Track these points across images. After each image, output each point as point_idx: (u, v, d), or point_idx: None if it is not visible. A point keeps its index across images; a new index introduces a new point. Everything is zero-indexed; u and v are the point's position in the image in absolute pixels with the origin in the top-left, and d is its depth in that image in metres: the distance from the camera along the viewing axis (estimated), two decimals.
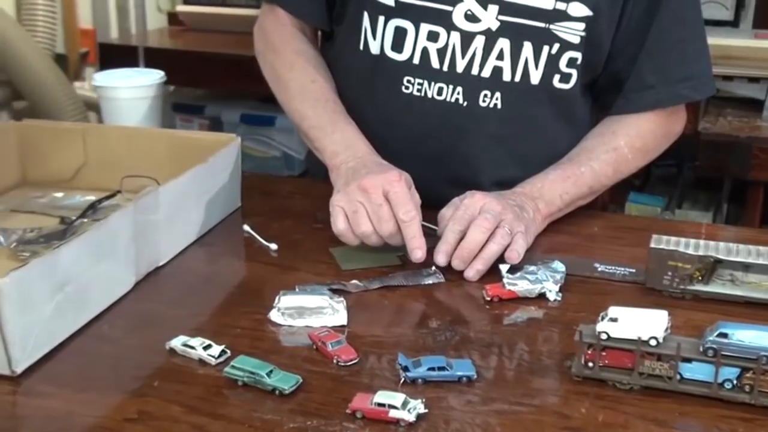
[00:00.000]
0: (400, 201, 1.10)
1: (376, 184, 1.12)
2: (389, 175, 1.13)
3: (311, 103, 1.29)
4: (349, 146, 1.22)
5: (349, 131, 1.25)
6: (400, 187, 1.11)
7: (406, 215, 1.10)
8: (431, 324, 1.01)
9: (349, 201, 1.12)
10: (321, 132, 1.26)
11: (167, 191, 1.12)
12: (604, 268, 1.13)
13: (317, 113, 1.27)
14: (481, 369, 0.91)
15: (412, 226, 1.10)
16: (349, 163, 1.19)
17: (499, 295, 1.06)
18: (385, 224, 1.11)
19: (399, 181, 1.12)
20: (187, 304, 1.06)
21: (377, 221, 1.11)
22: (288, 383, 0.87)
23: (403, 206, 1.10)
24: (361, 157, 1.20)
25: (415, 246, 1.10)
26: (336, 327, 0.99)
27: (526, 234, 1.14)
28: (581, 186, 1.25)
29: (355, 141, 1.23)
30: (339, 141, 1.23)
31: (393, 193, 1.11)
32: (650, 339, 0.86)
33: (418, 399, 0.84)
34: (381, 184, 1.11)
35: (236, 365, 0.89)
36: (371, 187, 1.11)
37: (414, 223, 1.10)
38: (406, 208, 1.10)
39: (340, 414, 0.84)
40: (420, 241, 1.10)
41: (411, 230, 1.10)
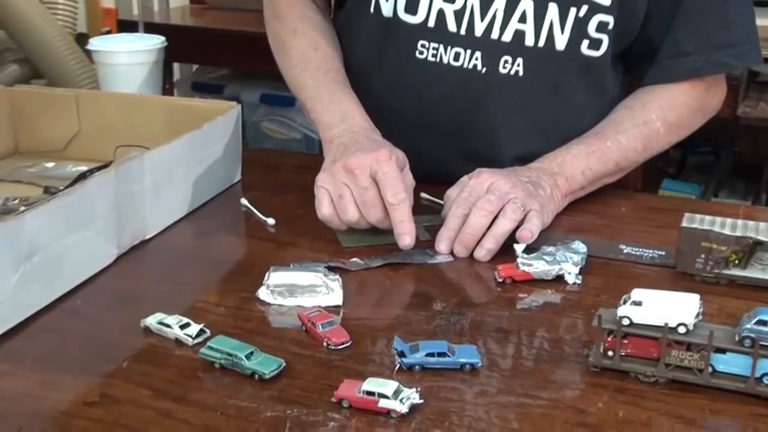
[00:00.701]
0: (389, 182, 1.00)
1: (363, 164, 1.02)
2: (378, 153, 1.02)
3: (311, 72, 1.19)
4: (345, 119, 1.13)
5: (348, 103, 1.15)
6: (389, 167, 1.01)
7: (395, 198, 1.00)
8: (435, 306, 0.91)
9: (334, 183, 1.03)
10: (318, 103, 1.16)
11: (153, 158, 1.03)
12: (630, 250, 1.03)
13: (316, 83, 1.18)
14: (487, 356, 0.82)
15: (401, 210, 1.00)
16: (342, 138, 1.10)
17: (513, 277, 0.96)
18: (372, 210, 1.01)
19: (388, 161, 1.02)
20: (170, 281, 0.98)
21: (363, 206, 1.02)
22: (269, 367, 0.78)
23: (391, 188, 1.00)
24: (356, 131, 1.10)
25: (402, 231, 1.00)
26: (330, 307, 0.90)
27: (542, 212, 1.04)
28: (607, 162, 1.14)
29: (353, 113, 1.14)
30: (335, 113, 1.14)
31: (381, 174, 1.01)
32: (679, 326, 0.76)
33: (413, 388, 0.74)
34: (368, 164, 1.01)
35: (213, 346, 0.80)
36: (357, 167, 1.01)
37: (403, 207, 1.00)
38: (394, 190, 1.00)
39: (324, 402, 0.74)
40: (409, 226, 1.00)
41: (399, 214, 1.00)
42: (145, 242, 1.05)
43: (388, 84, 1.22)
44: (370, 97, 1.24)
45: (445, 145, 1.20)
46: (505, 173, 1.07)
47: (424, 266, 1.00)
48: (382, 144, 1.07)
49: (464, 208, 1.03)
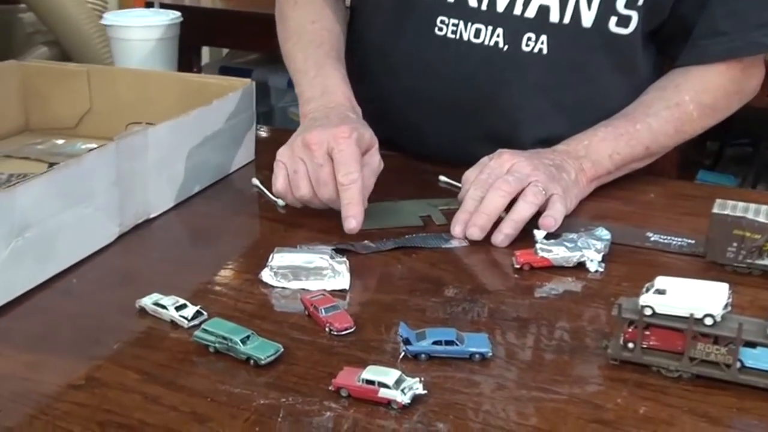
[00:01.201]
0: (342, 161, 0.95)
1: (321, 140, 0.96)
2: (339, 129, 0.97)
3: (303, 45, 1.15)
4: (325, 93, 1.08)
5: (332, 78, 1.10)
6: (346, 144, 0.96)
7: (345, 177, 0.95)
8: (447, 292, 0.86)
9: (292, 157, 0.98)
10: (303, 76, 1.12)
11: (157, 134, 0.99)
12: (657, 238, 0.97)
13: (306, 56, 1.13)
14: (499, 346, 0.77)
15: (350, 191, 0.94)
16: (316, 113, 1.05)
17: (531, 263, 0.91)
18: (324, 188, 0.96)
19: (347, 138, 0.96)
20: (172, 261, 0.94)
21: (315, 183, 0.97)
22: (265, 352, 0.73)
23: (344, 167, 0.95)
24: (332, 107, 1.05)
25: (349, 213, 0.94)
26: (336, 291, 0.85)
27: (565, 197, 0.99)
28: (636, 146, 1.08)
29: (335, 89, 1.08)
30: (317, 86, 1.09)
31: (337, 151, 0.95)
32: (705, 317, 0.70)
33: (416, 378, 0.69)
34: (326, 140, 0.96)
35: (208, 329, 0.76)
36: (315, 143, 0.96)
37: (353, 188, 0.94)
38: (347, 170, 0.95)
39: (321, 391, 0.70)
40: (356, 209, 0.94)
41: (348, 195, 0.95)
42: (149, 221, 1.01)
43: (406, 62, 1.16)
44: (389, 76, 1.19)
45: (464, 126, 1.15)
46: (527, 155, 1.02)
47: (437, 251, 0.95)
48: (347, 121, 1.01)
49: (482, 190, 0.98)
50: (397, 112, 1.20)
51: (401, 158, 1.21)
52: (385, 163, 1.05)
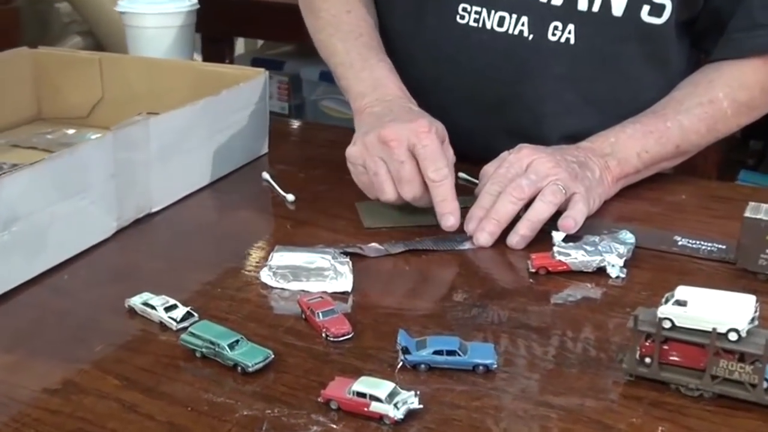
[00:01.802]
0: (429, 156, 0.91)
1: (400, 135, 0.92)
2: (417, 124, 0.92)
3: (342, 36, 1.10)
4: (378, 86, 1.02)
5: (381, 70, 1.05)
6: (429, 139, 0.91)
7: (437, 174, 0.90)
8: (456, 297, 0.81)
9: (369, 156, 0.93)
10: (349, 70, 1.06)
11: (160, 124, 0.95)
12: (685, 242, 0.91)
13: (347, 48, 1.08)
14: (505, 357, 0.71)
15: (444, 187, 0.90)
16: (375, 108, 1.00)
17: (547, 267, 0.85)
18: (408, 186, 0.91)
19: (428, 132, 0.91)
20: (171, 258, 0.90)
21: (398, 182, 0.92)
22: (253, 358, 0.69)
23: (432, 163, 0.90)
24: (390, 100, 1.00)
25: (446, 210, 0.90)
26: (337, 293, 0.81)
27: (588, 197, 0.93)
28: (665, 144, 1.02)
29: (386, 81, 1.03)
30: (367, 80, 1.04)
31: (421, 147, 0.91)
32: (729, 332, 0.64)
33: (411, 391, 0.64)
34: (406, 135, 0.91)
35: (195, 332, 0.71)
36: (394, 138, 0.91)
37: (446, 184, 0.91)
38: (436, 165, 0.90)
39: (310, 402, 0.65)
40: (452, 204, 0.91)
41: (442, 191, 0.91)
42: (151, 215, 0.97)
43: (426, 52, 1.11)
44: (410, 66, 1.14)
45: (487, 119, 1.10)
46: (550, 151, 0.96)
47: (450, 252, 0.90)
48: (420, 114, 0.97)
49: (499, 186, 0.93)
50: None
51: None
52: None
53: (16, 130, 1.22)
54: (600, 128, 1.04)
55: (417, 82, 1.13)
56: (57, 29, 2.46)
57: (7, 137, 1.19)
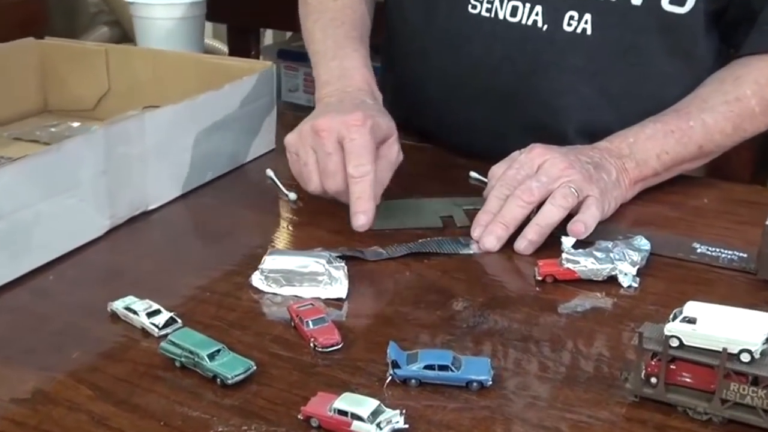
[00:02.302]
0: (354, 151, 0.86)
1: (331, 126, 0.87)
2: (351, 117, 0.88)
3: (323, 23, 1.07)
4: (344, 77, 0.99)
5: (351, 60, 1.01)
6: (359, 133, 0.86)
7: (356, 170, 0.86)
8: (456, 305, 0.77)
9: (302, 146, 0.90)
10: (322, 58, 1.03)
11: (156, 119, 0.92)
12: (704, 250, 0.86)
13: (326, 35, 1.05)
14: (502, 373, 0.67)
15: (361, 185, 0.85)
16: (331, 98, 0.96)
17: (554, 275, 0.80)
18: (331, 179, 0.88)
19: (359, 126, 0.87)
20: (162, 259, 0.86)
21: (323, 174, 0.88)
22: (234, 370, 0.65)
23: (356, 158, 0.86)
24: (349, 92, 0.96)
25: (358, 209, 0.85)
26: (331, 300, 0.77)
27: (602, 200, 0.88)
28: (688, 144, 0.96)
29: (353, 72, 0.99)
30: (334, 70, 1.00)
31: (348, 140, 0.86)
32: (741, 352, 0.59)
33: (397, 410, 0.60)
34: (337, 127, 0.87)
35: (175, 340, 0.68)
36: (325, 129, 0.88)
37: (363, 181, 0.85)
38: (358, 161, 0.86)
39: (290, 419, 0.61)
40: (366, 204, 0.85)
41: (358, 189, 0.86)
42: (147, 213, 0.93)
43: (437, 43, 1.07)
44: (421, 58, 1.10)
45: (500, 114, 1.05)
46: (563, 151, 0.91)
47: (454, 257, 0.85)
48: (364, 107, 0.92)
49: (508, 188, 0.88)
50: (427, 98, 1.11)
51: (431, 151, 1.12)
52: (412, 156, 0.97)
53: (21, 123, 1.20)
54: (619, 124, 0.99)
55: (428, 75, 1.09)
56: (85, 20, 2.45)
57: (11, 129, 1.17)
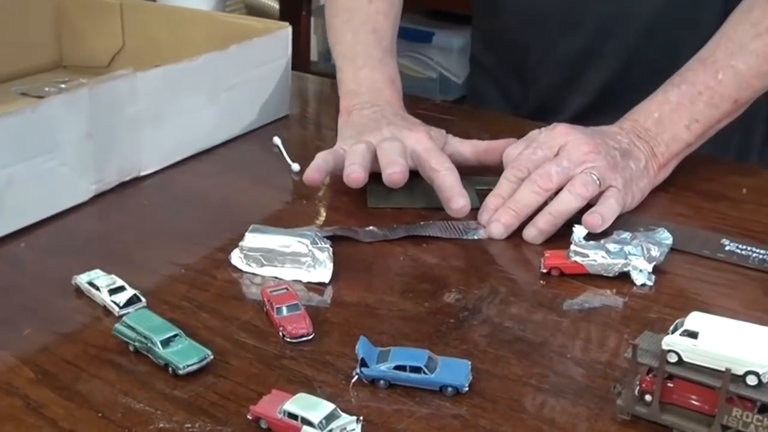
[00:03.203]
0: (433, 152, 0.83)
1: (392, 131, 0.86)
2: (415, 132, 0.85)
3: (355, 26, 0.99)
4: (374, 89, 0.93)
5: (382, 72, 0.95)
6: (430, 143, 0.85)
7: (440, 165, 0.82)
8: (447, 297, 0.70)
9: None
10: (350, 64, 0.97)
11: (150, 79, 0.86)
12: (733, 248, 0.78)
13: (356, 40, 0.98)
14: (484, 377, 0.60)
15: (449, 176, 0.81)
16: (364, 111, 0.90)
17: (561, 268, 0.73)
18: (390, 167, 0.81)
19: (428, 140, 0.85)
20: (143, 229, 0.81)
21: (384, 158, 0.82)
22: (187, 359, 0.60)
23: (435, 156, 0.83)
24: (382, 106, 0.91)
25: (454, 193, 0.80)
26: (313, 284, 0.71)
27: (625, 191, 0.81)
28: (720, 104, 0.86)
29: (385, 85, 0.94)
30: (364, 80, 0.94)
31: (422, 148, 0.84)
32: (747, 374, 0.52)
33: (353, 417, 0.54)
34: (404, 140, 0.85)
35: (130, 322, 0.62)
36: (387, 130, 0.87)
37: (450, 173, 0.81)
38: (439, 159, 0.82)
39: (240, 418, 0.56)
40: (461, 190, 0.81)
41: (447, 180, 0.81)
42: (141, 179, 0.89)
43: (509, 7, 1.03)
44: (496, 24, 1.08)
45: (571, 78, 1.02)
46: (589, 132, 0.84)
47: (457, 242, 0.79)
48: (416, 123, 0.90)
49: (522, 171, 0.81)
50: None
51: (490, 113, 1.08)
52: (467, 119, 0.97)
53: (34, 77, 1.16)
54: None
55: (502, 42, 1.07)
56: None
57: (21, 84, 1.13)
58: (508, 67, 1.16)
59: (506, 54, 1.15)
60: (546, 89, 1.11)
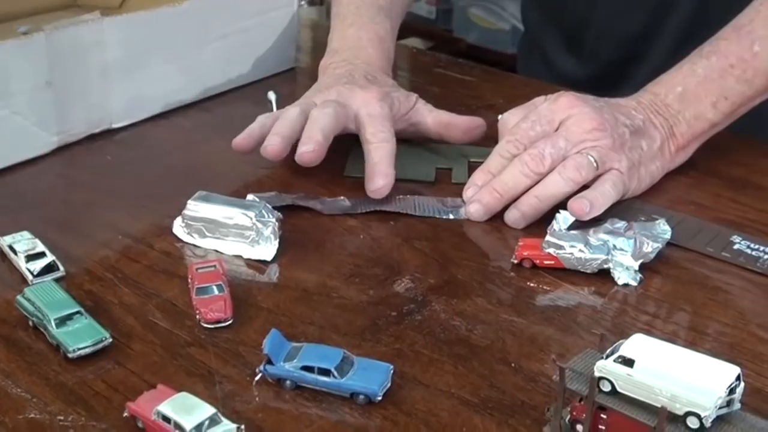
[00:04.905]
0: (373, 119, 0.75)
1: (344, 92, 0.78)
2: (365, 93, 0.77)
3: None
4: (355, 47, 0.86)
5: (369, 30, 0.87)
6: (378, 106, 0.76)
7: (374, 136, 0.74)
8: (397, 285, 0.63)
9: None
10: (340, 22, 0.89)
11: (122, 27, 0.80)
12: (743, 247, 0.68)
13: (353, 1, 0.90)
14: (407, 385, 0.53)
15: (380, 150, 0.73)
16: (337, 70, 0.83)
17: (533, 259, 0.65)
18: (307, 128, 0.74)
19: (376, 103, 0.76)
20: (99, 187, 0.76)
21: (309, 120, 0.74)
22: (79, 341, 0.54)
23: (372, 126, 0.74)
24: (356, 65, 0.83)
25: (377, 172, 0.72)
26: (253, 261, 0.65)
27: (630, 175, 0.72)
28: (753, 79, 0.76)
29: (369, 44, 0.86)
30: (349, 38, 0.87)
31: (365, 113, 0.76)
32: (688, 416, 0.43)
33: (234, 425, 0.48)
34: (353, 101, 0.77)
35: (30, 295, 0.57)
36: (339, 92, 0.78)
37: (382, 148, 0.73)
38: (375, 129, 0.74)
39: (118, 414, 0.50)
40: (387, 169, 0.72)
41: (377, 154, 0.73)
42: (114, 131, 0.83)
43: None
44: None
45: None
46: (598, 105, 0.75)
47: (430, 221, 0.71)
48: (382, 84, 0.81)
49: (518, 147, 0.73)
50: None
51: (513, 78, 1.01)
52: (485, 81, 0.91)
53: (44, 16, 1.11)
54: None
55: (562, 19, 1.02)
56: None
57: (26, 22, 1.08)
58: (561, 38, 1.06)
59: (563, 25, 1.05)
60: (605, 64, 1.01)
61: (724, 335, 0.59)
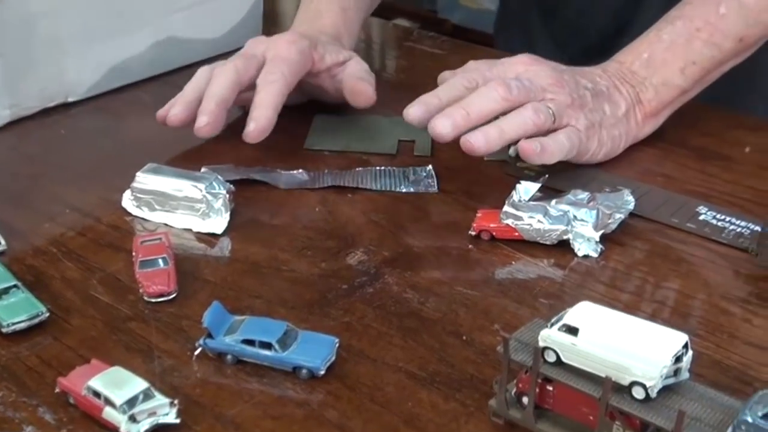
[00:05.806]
0: (270, 62, 0.75)
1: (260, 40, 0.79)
2: (279, 41, 0.76)
3: None
4: (313, 18, 0.84)
5: (332, 5, 0.85)
6: (283, 47, 0.75)
7: (262, 78, 0.74)
8: (350, 258, 0.61)
9: None
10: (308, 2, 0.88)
11: None
12: (709, 217, 0.66)
13: None
14: (353, 359, 0.51)
15: (262, 93, 0.72)
16: None
17: (491, 231, 0.63)
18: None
19: (285, 48, 0.75)
20: (52, 162, 0.74)
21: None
22: (14, 315, 0.53)
23: (267, 68, 0.74)
24: (310, 34, 0.80)
25: (252, 117, 0.71)
26: (203, 235, 0.63)
27: (588, 134, 0.69)
28: (721, 43, 0.74)
29: (328, 13, 0.85)
30: (311, 11, 0.86)
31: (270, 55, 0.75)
32: (633, 385, 0.42)
33: (167, 400, 0.46)
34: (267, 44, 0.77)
35: None
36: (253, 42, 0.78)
37: (265, 90, 0.72)
38: (268, 70, 0.74)
39: (49, 390, 0.48)
40: (261, 111, 0.71)
41: (258, 97, 0.72)
42: (70, 105, 0.81)
43: None
44: None
45: None
46: (560, 69, 0.73)
47: (389, 194, 0.69)
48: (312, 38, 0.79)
49: (469, 81, 0.70)
50: None
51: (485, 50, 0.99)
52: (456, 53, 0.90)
53: None
54: None
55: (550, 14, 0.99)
56: None
57: None
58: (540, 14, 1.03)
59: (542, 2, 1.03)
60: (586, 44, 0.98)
61: (685, 306, 0.57)
